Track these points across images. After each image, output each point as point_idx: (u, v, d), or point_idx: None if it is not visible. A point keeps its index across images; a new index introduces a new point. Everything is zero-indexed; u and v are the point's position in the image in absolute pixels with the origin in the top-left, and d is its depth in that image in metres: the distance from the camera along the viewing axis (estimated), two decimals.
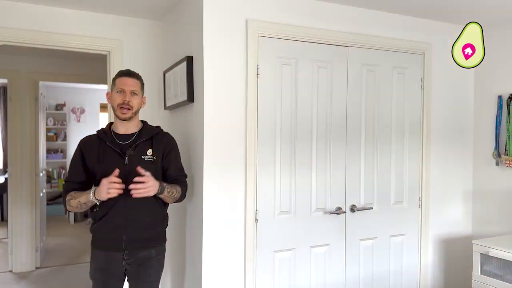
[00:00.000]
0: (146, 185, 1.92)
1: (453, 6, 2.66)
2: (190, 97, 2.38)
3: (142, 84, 2.15)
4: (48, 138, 7.11)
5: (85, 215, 7.19)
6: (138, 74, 2.14)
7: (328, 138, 2.62)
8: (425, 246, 2.97)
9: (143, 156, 2.06)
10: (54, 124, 7.32)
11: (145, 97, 2.18)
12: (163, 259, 2.22)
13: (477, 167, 3.17)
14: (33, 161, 4.35)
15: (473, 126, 3.19)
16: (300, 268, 2.56)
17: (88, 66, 4.46)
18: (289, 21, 2.48)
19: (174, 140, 2.24)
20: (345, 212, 2.68)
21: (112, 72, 2.90)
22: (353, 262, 2.72)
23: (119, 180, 1.91)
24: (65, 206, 2.07)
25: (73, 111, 7.52)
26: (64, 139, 7.41)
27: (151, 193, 1.96)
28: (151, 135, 2.12)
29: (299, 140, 2.54)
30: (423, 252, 2.97)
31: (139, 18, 2.96)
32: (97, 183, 1.98)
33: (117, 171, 1.91)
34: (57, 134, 7.38)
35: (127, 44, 2.93)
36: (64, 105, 7.35)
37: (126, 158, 2.02)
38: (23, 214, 4.32)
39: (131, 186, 1.90)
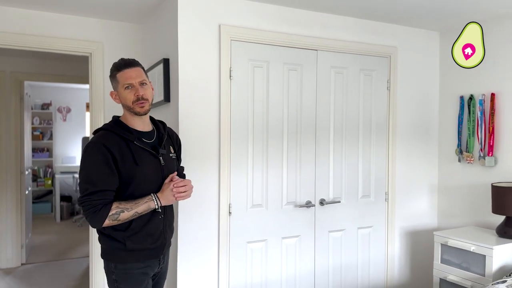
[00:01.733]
0: (189, 187, 1.87)
1: (417, 12, 2.84)
2: (167, 97, 2.53)
3: (145, 70, 1.89)
4: (34, 137, 7.17)
5: (71, 213, 7.27)
6: (136, 60, 1.86)
7: (298, 135, 2.79)
8: (391, 237, 3.16)
9: (170, 154, 1.96)
10: (40, 123, 7.38)
11: (150, 82, 1.91)
12: None
13: (441, 163, 3.37)
14: (18, 159, 4.45)
15: (438, 124, 3.38)
16: (272, 258, 2.72)
17: (73, 66, 4.57)
18: (261, 26, 2.63)
19: None
20: (315, 206, 2.85)
21: (94, 73, 3.03)
22: (323, 253, 2.89)
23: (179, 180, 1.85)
24: (99, 222, 1.70)
25: (59, 110, 7.59)
26: (50, 138, 7.48)
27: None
28: (167, 131, 2.00)
29: (271, 137, 2.70)
30: (390, 243, 3.15)
31: (119, 21, 3.09)
32: (131, 189, 1.77)
33: (175, 173, 1.88)
34: (43, 133, 7.44)
35: (108, 46, 3.06)
36: (50, 104, 7.42)
37: (161, 158, 1.87)
38: (8, 211, 4.41)
39: (175, 189, 1.82)
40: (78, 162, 7.50)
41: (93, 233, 3.15)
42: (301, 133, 2.80)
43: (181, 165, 2.15)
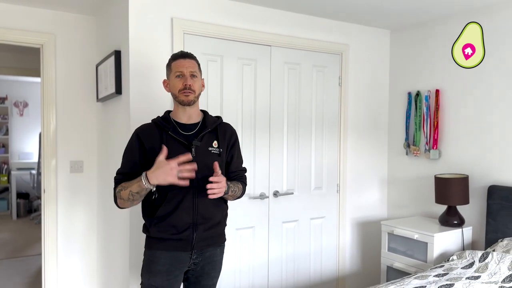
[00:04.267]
0: (221, 185, 1.75)
1: (368, 10, 2.95)
2: (118, 90, 2.52)
3: (199, 65, 1.94)
4: None
5: (28, 210, 7.06)
6: (193, 54, 1.92)
7: (252, 129, 2.85)
8: (343, 228, 3.28)
9: (210, 148, 1.89)
10: None
11: (203, 79, 1.96)
12: (222, 260, 2.07)
13: (391, 157, 3.53)
14: None
15: (387, 119, 3.54)
16: (227, 249, 2.77)
17: (30, 59, 4.44)
18: (214, 20, 2.67)
19: (236, 132, 2.07)
20: (269, 197, 2.92)
21: (46, 65, 2.97)
22: (276, 243, 2.97)
23: (189, 158, 1.71)
24: (116, 201, 1.85)
25: (15, 104, 7.33)
26: (6, 133, 7.22)
27: (222, 194, 1.79)
28: (216, 125, 1.94)
29: None
30: (341, 233, 3.27)
31: (72, 13, 3.04)
32: None
33: (189, 155, 1.73)
34: None
35: (60, 38, 3.01)
36: (6, 98, 7.15)
37: (193, 149, 1.85)
38: None
39: (208, 185, 1.72)
40: (35, 158, 7.28)
41: (46, 230, 3.10)
42: (255, 127, 2.86)
43: (239, 161, 2.03)
